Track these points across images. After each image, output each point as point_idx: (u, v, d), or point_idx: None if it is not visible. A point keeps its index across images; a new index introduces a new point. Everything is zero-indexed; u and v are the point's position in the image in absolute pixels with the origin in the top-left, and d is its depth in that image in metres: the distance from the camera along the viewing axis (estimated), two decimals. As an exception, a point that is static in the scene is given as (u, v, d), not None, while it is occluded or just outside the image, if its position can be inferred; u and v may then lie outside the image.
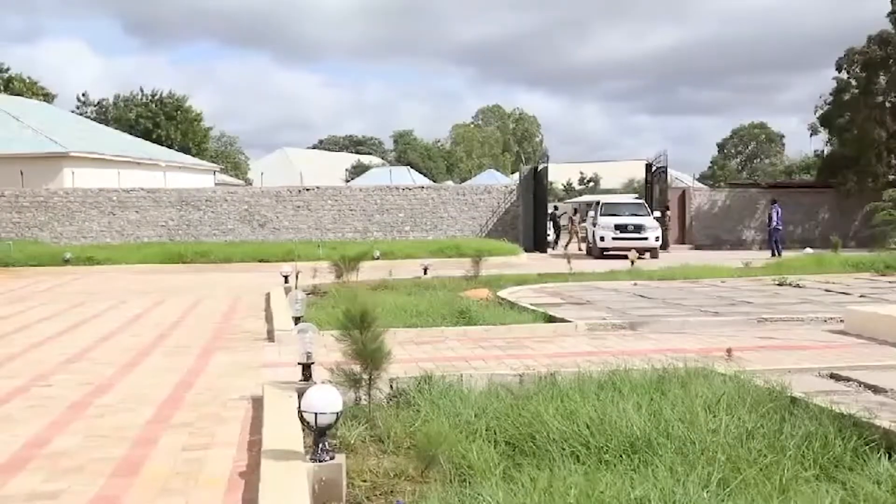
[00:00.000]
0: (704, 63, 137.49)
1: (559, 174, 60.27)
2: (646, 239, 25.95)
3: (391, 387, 6.14)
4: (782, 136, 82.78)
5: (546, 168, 31.94)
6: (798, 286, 14.91)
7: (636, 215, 27.28)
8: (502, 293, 13.28)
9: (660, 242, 26.43)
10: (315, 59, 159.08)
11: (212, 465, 4.84)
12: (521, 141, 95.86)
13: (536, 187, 30.96)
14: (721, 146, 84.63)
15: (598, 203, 29.77)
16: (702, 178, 61.79)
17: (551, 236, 32.60)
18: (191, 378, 7.50)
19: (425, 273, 16.54)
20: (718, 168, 78.07)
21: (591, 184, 72.78)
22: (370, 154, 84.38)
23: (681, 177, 44.17)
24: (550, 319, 10.46)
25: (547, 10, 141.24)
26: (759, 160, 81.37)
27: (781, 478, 4.00)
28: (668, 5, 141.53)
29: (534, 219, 30.56)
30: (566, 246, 32.18)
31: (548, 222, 31.95)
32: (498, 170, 66.76)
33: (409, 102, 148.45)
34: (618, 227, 26.40)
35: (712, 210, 33.45)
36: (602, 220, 27.31)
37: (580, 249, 30.77)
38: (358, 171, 66.46)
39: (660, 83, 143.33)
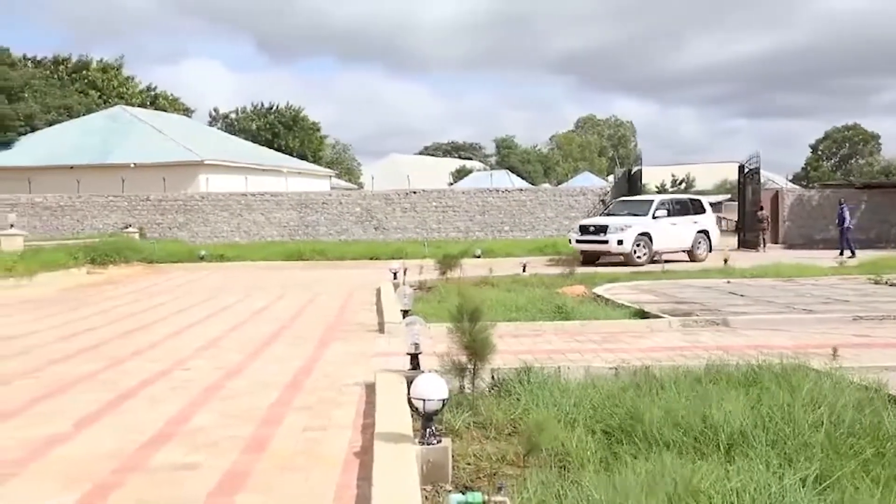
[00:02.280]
0: (798, 66, 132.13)
1: (652, 176, 58.87)
2: (605, 242, 20.87)
3: (493, 377, 6.14)
4: (878, 137, 78.38)
5: (640, 170, 31.25)
6: (894, 285, 14.08)
7: (634, 215, 21.78)
8: (597, 290, 13.07)
9: (626, 248, 20.61)
10: (423, 71, 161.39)
11: (329, 445, 4.95)
12: (616, 145, 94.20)
13: (630, 189, 30.32)
14: (814, 148, 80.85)
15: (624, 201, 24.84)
16: (795, 180, 59.20)
17: None
18: (310, 365, 7.70)
19: (524, 270, 16.47)
20: (812, 169, 74.61)
21: (684, 185, 70.78)
22: (471, 159, 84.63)
23: (774, 178, 42.38)
24: (644, 315, 10.23)
25: (643, 19, 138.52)
26: (853, 161, 77.27)
27: (881, 474, 3.78)
28: (762, 11, 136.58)
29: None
30: None
31: None
32: (593, 173, 65.79)
33: (509, 110, 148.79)
34: (582, 229, 21.92)
35: (805, 210, 31.95)
36: (591, 220, 23.35)
37: None
38: (460, 174, 66.80)
39: (753, 87, 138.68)
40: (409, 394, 4.66)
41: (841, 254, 23.71)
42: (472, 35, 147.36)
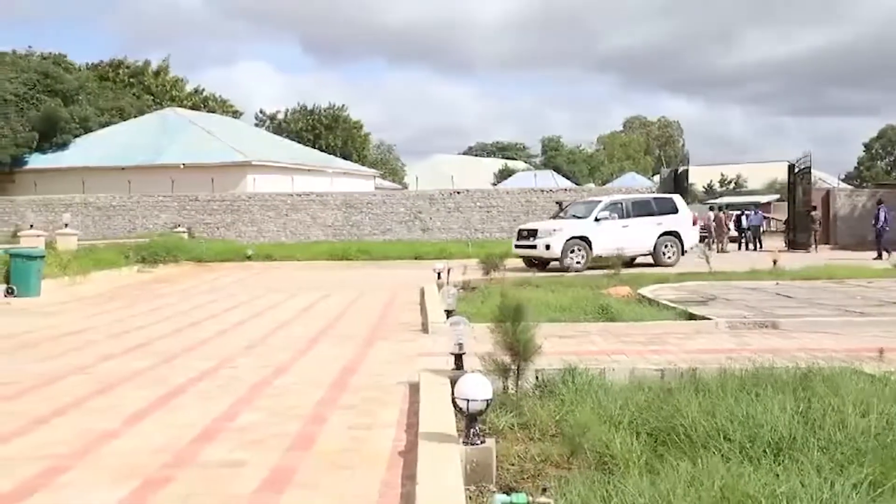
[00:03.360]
0: (851, 64, 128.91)
1: (700, 176, 58.11)
2: (534, 248, 19.53)
3: (537, 377, 6.12)
4: (935, 136, 76.01)
5: (686, 170, 30.85)
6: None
7: (578, 218, 20.41)
8: (643, 291, 12.92)
9: (554, 252, 19.14)
10: (470, 71, 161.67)
11: (374, 444, 4.98)
12: (663, 145, 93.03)
13: (676, 189, 29.86)
14: (868, 147, 78.72)
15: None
16: (847, 179, 57.67)
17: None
18: (355, 364, 7.76)
19: (568, 270, 16.38)
20: (865, 169, 72.67)
21: (732, 185, 69.56)
22: (515, 159, 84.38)
23: (825, 178, 41.40)
24: (690, 317, 10.08)
25: (694, 17, 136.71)
26: (909, 160, 75.10)
27: (937, 482, 3.67)
28: (815, 8, 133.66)
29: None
30: (718, 247, 29.75)
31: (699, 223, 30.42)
32: (639, 173, 65.07)
33: (556, 110, 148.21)
34: (519, 234, 20.66)
35: (856, 210, 31.16)
36: (526, 224, 21.99)
37: (724, 250, 28.91)
38: (504, 174, 66.64)
39: (806, 84, 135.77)
40: (453, 394, 4.67)
41: (879, 256, 22.97)
42: (520, 34, 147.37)
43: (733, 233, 31.87)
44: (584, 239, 19.52)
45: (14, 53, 44.43)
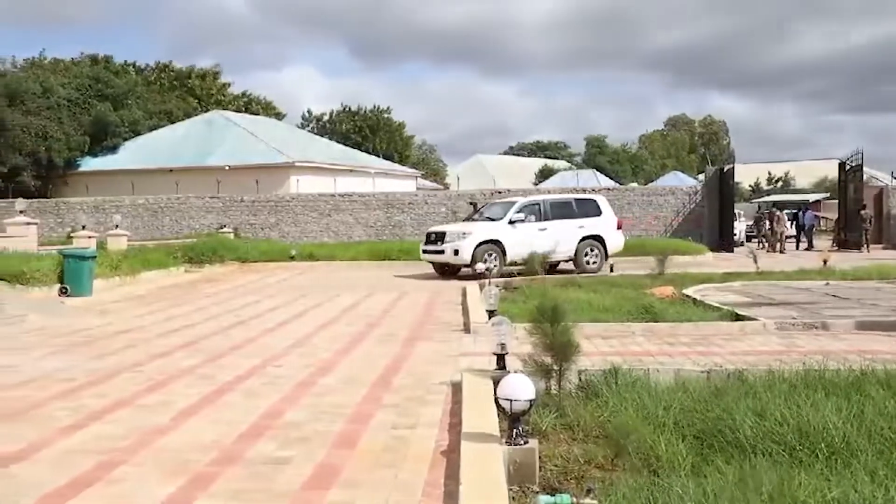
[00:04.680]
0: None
1: (747, 175, 57.11)
2: (442, 252, 18.02)
3: (580, 378, 6.09)
4: None
5: (732, 169, 30.31)
6: None
7: (491, 220, 18.86)
8: (687, 291, 12.75)
9: (464, 257, 17.60)
10: (515, 71, 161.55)
11: (417, 443, 5.00)
12: (707, 143, 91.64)
13: (722, 188, 29.45)
14: (923, 143, 76.47)
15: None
16: (901, 176, 56.13)
17: (738, 236, 30.73)
18: (397, 364, 7.80)
19: (611, 270, 16.26)
20: (919, 165, 70.55)
21: (780, 184, 68.22)
22: (556, 158, 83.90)
23: (877, 175, 40.35)
24: (737, 317, 9.91)
25: (743, 14, 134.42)
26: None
27: None
28: (868, 1, 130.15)
29: (720, 219, 29.08)
30: (777, 246, 28.77)
31: (745, 222, 29.94)
32: (683, 172, 64.20)
33: (600, 109, 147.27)
34: (427, 237, 19.09)
35: (911, 209, 30.33)
36: (435, 227, 20.30)
37: (781, 250, 28.24)
38: (545, 174, 66.31)
39: (859, 81, 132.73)
40: (495, 394, 4.67)
41: None
42: (565, 34, 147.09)
43: (790, 231, 31.19)
44: (497, 243, 17.91)
45: (73, 61, 45.63)
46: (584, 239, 18.75)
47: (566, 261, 18.45)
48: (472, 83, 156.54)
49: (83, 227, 25.30)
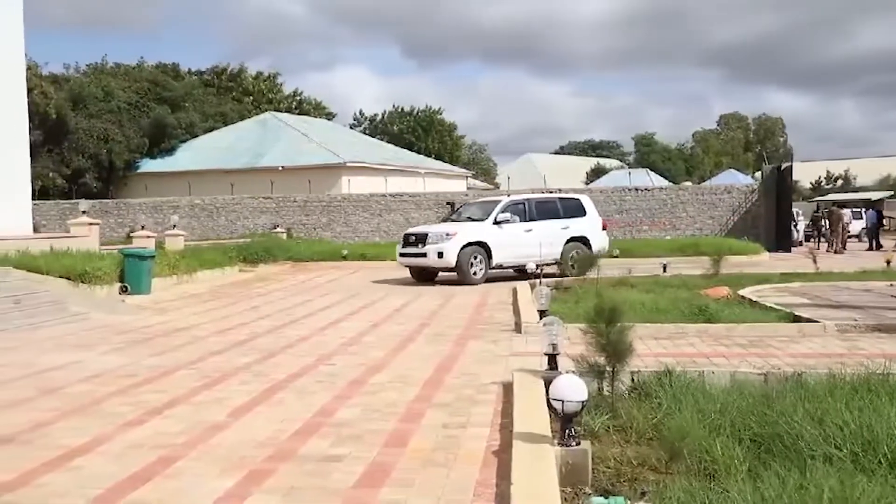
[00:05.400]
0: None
1: (805, 173, 55.66)
2: (423, 256, 16.79)
3: (632, 379, 6.02)
4: None
5: (790, 167, 29.57)
6: None
7: (474, 220, 17.61)
8: (743, 292, 12.49)
9: (448, 261, 16.45)
10: (567, 69, 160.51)
11: (468, 443, 5.01)
12: (762, 140, 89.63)
13: (779, 186, 28.76)
14: None
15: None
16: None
17: (797, 235, 29.96)
18: (448, 363, 7.82)
19: (664, 271, 16.00)
20: None
21: (840, 182, 66.34)
22: (608, 157, 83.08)
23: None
24: (796, 319, 9.67)
25: (802, 8, 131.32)
26: None
27: None
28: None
29: (777, 218, 28.41)
30: (828, 246, 27.91)
31: (803, 222, 29.16)
32: (739, 170, 62.91)
33: (653, 107, 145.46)
34: (405, 240, 17.68)
35: (981, 207, 29.21)
36: (414, 228, 18.89)
37: (841, 250, 27.43)
38: (596, 173, 65.74)
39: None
40: (547, 394, 4.65)
41: None
42: (618, 32, 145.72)
43: (854, 230, 30.32)
44: (483, 245, 16.78)
45: (139, 65, 46.89)
46: (569, 241, 17.70)
47: (551, 263, 17.31)
48: (524, 82, 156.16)
49: (142, 227, 25.95)
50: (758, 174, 40.16)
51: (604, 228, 18.72)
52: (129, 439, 5.23)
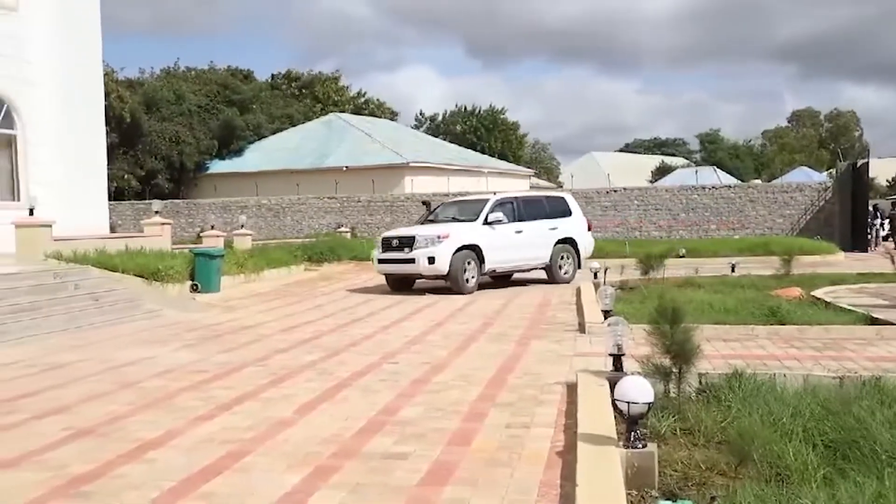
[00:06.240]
0: None
1: (883, 170, 53.65)
2: (412, 261, 14.95)
3: (700, 381, 5.89)
4: None
5: (866, 163, 28.52)
6: None
7: (459, 220, 15.83)
8: (816, 292, 12.10)
9: (440, 266, 14.70)
10: (634, 67, 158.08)
11: (532, 443, 4.99)
12: (836, 137, 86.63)
13: (855, 184, 27.76)
14: None
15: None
16: None
17: (882, 232, 28.85)
18: (511, 363, 7.79)
19: (733, 271, 15.63)
20: None
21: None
22: (674, 155, 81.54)
23: None
24: (873, 321, 9.31)
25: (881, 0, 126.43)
26: None
27: None
28: None
29: (852, 216, 27.43)
30: None
31: (881, 220, 28.07)
32: (811, 167, 60.97)
33: (721, 104, 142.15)
34: (385, 243, 15.69)
35: None
36: (395, 231, 16.82)
37: None
38: (662, 171, 64.57)
39: None
40: (612, 395, 4.59)
41: None
42: (687, 27, 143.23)
43: None
44: (475, 249, 15.12)
45: (210, 68, 48.19)
46: (557, 243, 16.42)
47: (541, 268, 16.38)
48: (588, 80, 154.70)
49: (212, 227, 26.64)
50: (832, 171, 38.86)
51: (589, 229, 17.59)
52: (199, 433, 5.38)
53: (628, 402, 4.22)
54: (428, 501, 4.02)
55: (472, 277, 15.04)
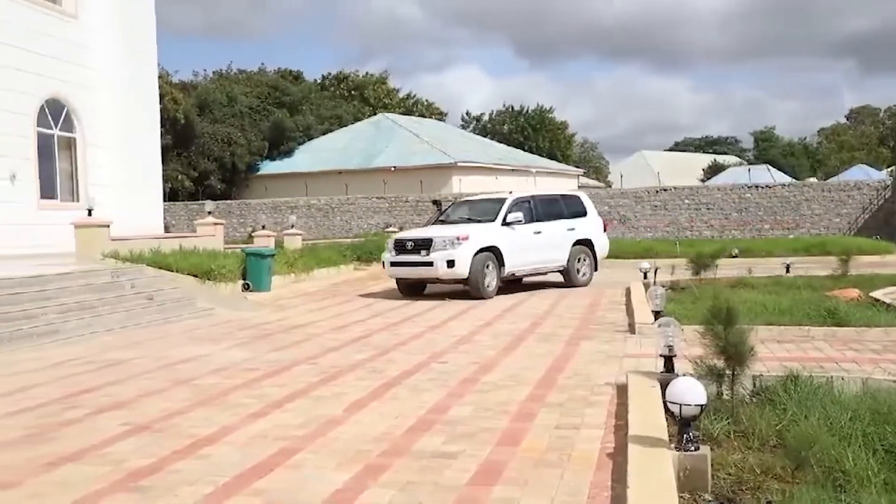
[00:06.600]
0: None
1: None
2: (430, 265, 14.13)
3: (754, 383, 5.78)
4: None
5: (928, 160, 27.63)
6: None
7: (474, 221, 15.15)
8: (875, 293, 11.75)
9: (461, 270, 13.91)
10: (686, 65, 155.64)
11: (581, 444, 4.95)
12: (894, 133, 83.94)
13: (916, 182, 26.93)
14: None
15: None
16: None
17: None
18: (560, 363, 7.75)
19: (787, 271, 15.29)
20: None
21: None
22: (726, 153, 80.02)
23: None
24: (935, 323, 9.02)
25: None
26: None
27: None
28: None
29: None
30: None
31: None
32: (871, 165, 59.23)
33: (775, 101, 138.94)
34: (398, 246, 14.89)
35: None
36: (409, 233, 16.20)
37: None
38: (714, 170, 63.42)
39: None
40: (663, 397, 4.53)
41: None
42: (741, 24, 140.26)
43: None
44: (494, 251, 14.40)
45: (259, 72, 49.00)
46: (575, 244, 15.79)
47: (558, 270, 15.81)
48: (638, 79, 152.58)
49: (263, 227, 27.04)
50: (892, 169, 37.73)
51: (605, 229, 16.96)
52: (252, 430, 5.47)
53: (680, 404, 4.17)
54: (477, 501, 4.02)
55: (493, 281, 14.35)
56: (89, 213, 15.29)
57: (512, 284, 15.49)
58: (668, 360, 6.09)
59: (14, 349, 9.14)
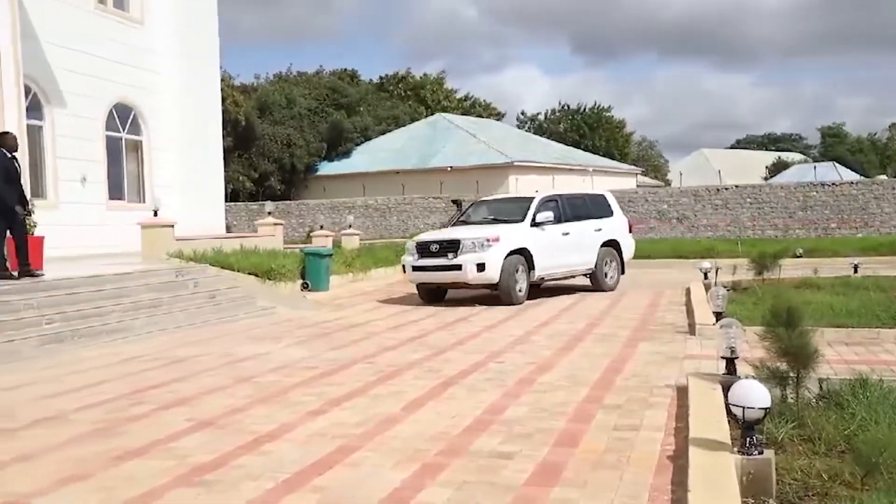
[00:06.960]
0: None
1: None
2: (458, 268, 13.20)
3: (820, 387, 5.60)
4: None
5: None
6: None
7: (501, 221, 14.27)
8: (950, 295, 11.29)
9: (491, 274, 13.05)
10: (750, 61, 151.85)
11: (641, 446, 4.88)
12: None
13: None
14: None
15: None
16: None
17: None
18: (618, 364, 7.66)
19: (855, 271, 14.79)
20: None
21: None
22: (790, 151, 77.93)
23: None
24: None
25: None
26: None
27: None
28: None
29: None
30: None
31: None
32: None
33: (842, 97, 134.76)
34: (420, 249, 13.91)
35: None
36: (433, 234, 15.01)
37: None
38: (777, 168, 61.85)
39: None
40: (725, 399, 4.44)
41: None
42: (807, 17, 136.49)
43: None
44: (524, 253, 13.60)
45: (317, 74, 49.76)
46: (602, 245, 15.07)
47: (586, 274, 15.10)
48: (699, 75, 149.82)
49: (321, 227, 27.41)
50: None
51: (630, 230, 16.19)
52: (311, 428, 5.55)
53: (743, 407, 4.07)
54: (536, 501, 4.00)
55: (524, 286, 13.58)
56: (155, 214, 15.72)
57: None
58: (730, 362, 5.96)
59: (85, 346, 9.47)
